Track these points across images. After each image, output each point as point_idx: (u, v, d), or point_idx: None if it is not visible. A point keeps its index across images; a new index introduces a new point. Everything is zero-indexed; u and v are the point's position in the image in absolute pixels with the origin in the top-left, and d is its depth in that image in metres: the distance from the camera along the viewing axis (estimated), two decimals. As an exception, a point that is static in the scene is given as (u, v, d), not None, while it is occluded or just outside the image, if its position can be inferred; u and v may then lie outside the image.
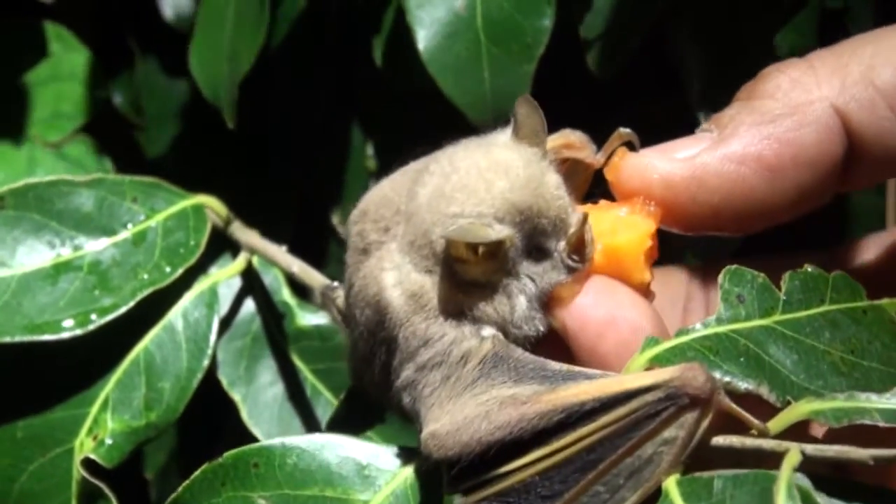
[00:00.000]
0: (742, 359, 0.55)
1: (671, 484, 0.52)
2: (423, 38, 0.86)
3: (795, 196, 0.57)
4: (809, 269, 0.57)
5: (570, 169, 0.61)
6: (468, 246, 0.55)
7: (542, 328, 0.58)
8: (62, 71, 0.93)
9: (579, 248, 0.57)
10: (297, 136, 1.10)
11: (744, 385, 0.54)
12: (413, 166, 0.61)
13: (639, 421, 0.53)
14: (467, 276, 0.56)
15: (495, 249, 0.55)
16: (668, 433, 0.53)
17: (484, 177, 0.56)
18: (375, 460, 0.60)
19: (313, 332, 0.82)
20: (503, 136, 0.59)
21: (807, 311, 0.57)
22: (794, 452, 0.51)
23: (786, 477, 0.49)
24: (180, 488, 0.58)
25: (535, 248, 0.57)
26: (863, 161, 0.57)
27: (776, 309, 0.56)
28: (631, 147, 0.59)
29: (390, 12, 0.98)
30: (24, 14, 0.95)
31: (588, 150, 0.62)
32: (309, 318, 0.82)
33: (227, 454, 0.59)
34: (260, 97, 1.02)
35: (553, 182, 0.57)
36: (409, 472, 0.60)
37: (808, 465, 0.51)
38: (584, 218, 0.56)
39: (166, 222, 0.73)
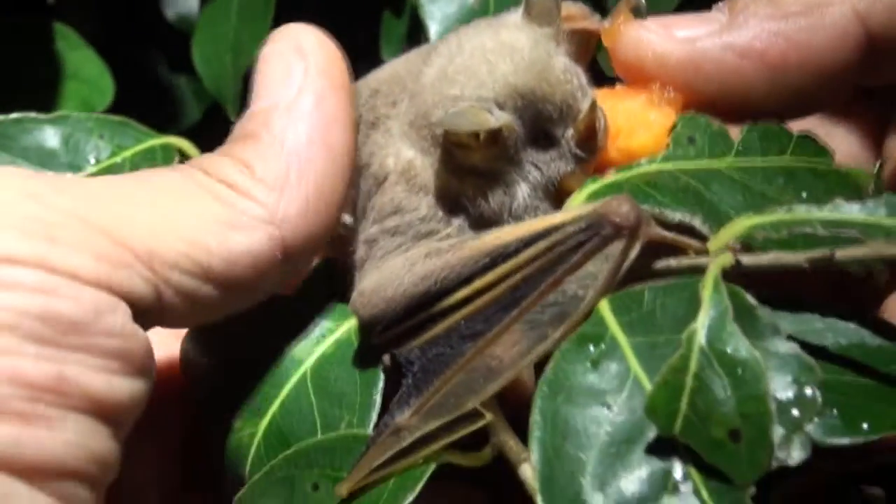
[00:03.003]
0: (680, 193, 0.52)
1: (602, 301, 0.49)
2: (436, 32, 0.87)
3: (795, 100, 0.54)
4: (773, 125, 0.54)
5: (579, 45, 0.58)
6: (469, 132, 0.53)
7: None
8: (68, 70, 0.95)
9: (588, 136, 0.54)
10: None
11: (676, 215, 0.51)
12: (427, 47, 0.60)
13: (561, 255, 0.50)
14: (467, 161, 0.54)
15: (496, 136, 0.53)
16: (592, 266, 0.50)
17: (487, 59, 0.54)
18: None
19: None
20: (514, 17, 0.56)
21: (762, 159, 0.54)
22: (725, 255, 0.48)
23: (713, 274, 0.46)
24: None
25: (542, 135, 0.54)
26: (882, 67, 0.54)
27: (728, 154, 0.54)
28: (639, 15, 0.56)
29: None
30: (26, 12, 0.98)
31: (590, 19, 0.59)
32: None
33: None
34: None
35: (561, 65, 0.54)
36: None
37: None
38: (593, 105, 0.53)
39: (133, 159, 0.73)
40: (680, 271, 0.50)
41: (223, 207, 0.52)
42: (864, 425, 0.45)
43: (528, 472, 0.51)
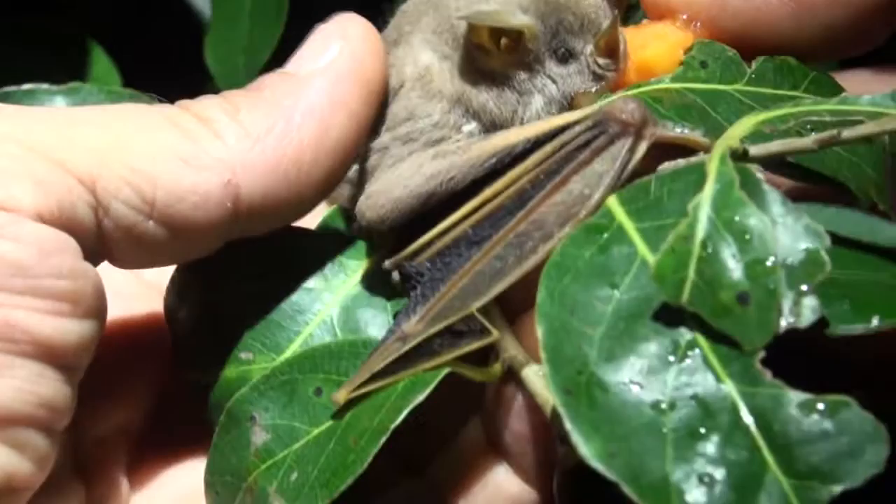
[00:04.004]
0: (685, 109, 0.52)
1: (611, 196, 0.49)
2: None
3: (824, 40, 0.53)
4: (790, 60, 0.54)
5: None
6: (491, 34, 0.53)
7: None
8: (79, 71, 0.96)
9: (608, 53, 0.54)
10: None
11: (678, 129, 0.50)
12: None
13: (568, 154, 0.50)
14: (485, 66, 0.55)
15: (517, 40, 0.54)
16: (598, 166, 0.50)
17: None
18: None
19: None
20: None
21: (773, 90, 0.54)
22: (731, 139, 0.47)
23: (719, 151, 0.46)
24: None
25: (562, 48, 0.54)
26: None
27: (739, 80, 0.54)
28: None
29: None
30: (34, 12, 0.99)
31: None
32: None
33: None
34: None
35: None
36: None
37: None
38: (615, 21, 0.53)
39: (145, 129, 0.74)
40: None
41: (184, 141, 0.50)
42: (875, 318, 0.44)
43: (531, 374, 0.50)
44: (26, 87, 0.73)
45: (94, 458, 0.58)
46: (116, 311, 0.56)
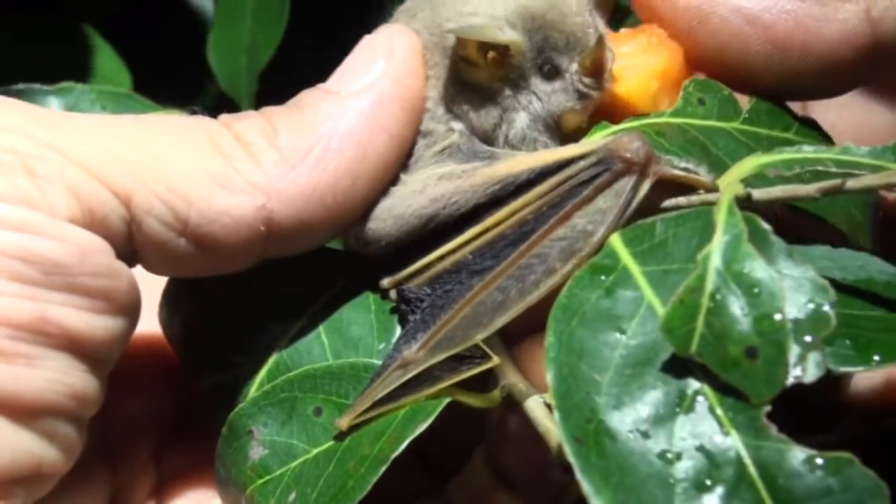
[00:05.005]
0: (688, 144, 0.53)
1: (614, 234, 0.49)
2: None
3: (790, 83, 0.54)
4: (779, 106, 0.55)
5: None
6: (479, 47, 0.53)
7: None
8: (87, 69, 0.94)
9: (593, 72, 0.54)
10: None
11: (682, 164, 0.51)
12: None
13: (572, 189, 0.51)
14: (472, 78, 0.55)
15: (503, 55, 0.54)
16: (602, 202, 0.51)
17: None
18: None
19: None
20: None
21: (768, 130, 0.55)
22: (737, 185, 0.48)
23: (727, 199, 0.46)
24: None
25: (548, 65, 0.55)
26: (885, 72, 0.55)
27: (736, 119, 0.55)
28: None
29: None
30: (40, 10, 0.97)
31: None
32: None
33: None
34: (282, 89, 1.02)
35: None
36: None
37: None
38: (600, 40, 0.53)
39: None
40: (690, 207, 0.50)
41: (221, 162, 0.51)
42: (876, 356, 0.45)
43: (534, 405, 0.51)
44: (18, 86, 0.72)
45: (121, 444, 0.59)
46: (150, 302, 0.57)
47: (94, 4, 1.02)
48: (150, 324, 0.58)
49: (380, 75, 0.53)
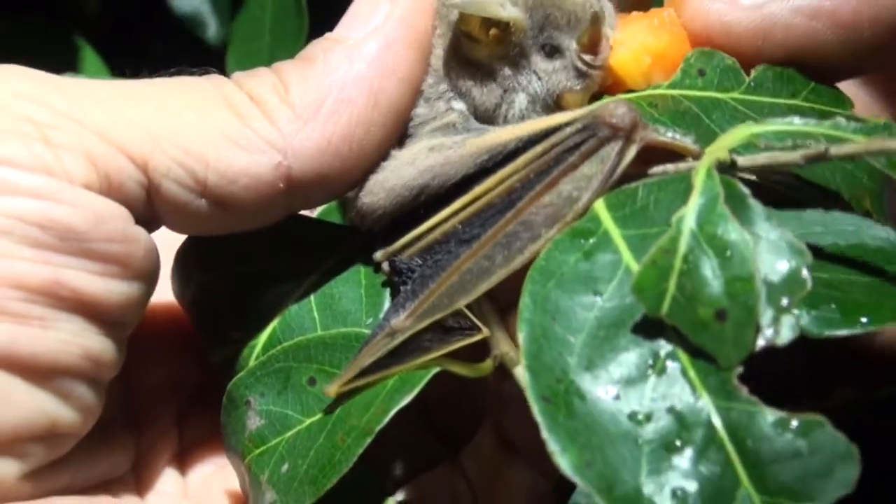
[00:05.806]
0: (678, 115, 0.52)
1: (598, 200, 0.49)
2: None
3: (871, 58, 0.52)
4: (790, 69, 0.54)
5: None
6: (482, 24, 0.54)
7: None
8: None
9: (591, 50, 0.53)
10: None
11: (669, 133, 0.50)
12: None
13: (558, 156, 0.51)
14: (473, 55, 0.55)
15: (505, 32, 0.54)
16: (587, 168, 0.50)
17: None
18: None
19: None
20: None
21: (771, 98, 0.53)
22: (720, 150, 0.47)
23: (706, 164, 0.46)
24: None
25: (549, 44, 0.55)
26: None
27: (737, 88, 0.54)
28: None
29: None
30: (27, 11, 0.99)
31: None
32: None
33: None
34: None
35: None
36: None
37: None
38: (595, 18, 0.53)
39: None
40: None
41: (236, 122, 0.51)
42: (863, 319, 0.44)
43: (523, 372, 0.51)
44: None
45: (144, 409, 0.60)
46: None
47: (73, 7, 1.04)
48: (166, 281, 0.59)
49: (385, 18, 0.53)
